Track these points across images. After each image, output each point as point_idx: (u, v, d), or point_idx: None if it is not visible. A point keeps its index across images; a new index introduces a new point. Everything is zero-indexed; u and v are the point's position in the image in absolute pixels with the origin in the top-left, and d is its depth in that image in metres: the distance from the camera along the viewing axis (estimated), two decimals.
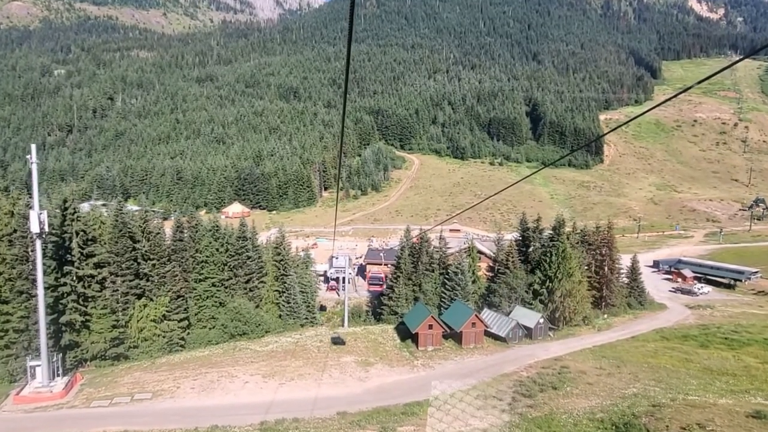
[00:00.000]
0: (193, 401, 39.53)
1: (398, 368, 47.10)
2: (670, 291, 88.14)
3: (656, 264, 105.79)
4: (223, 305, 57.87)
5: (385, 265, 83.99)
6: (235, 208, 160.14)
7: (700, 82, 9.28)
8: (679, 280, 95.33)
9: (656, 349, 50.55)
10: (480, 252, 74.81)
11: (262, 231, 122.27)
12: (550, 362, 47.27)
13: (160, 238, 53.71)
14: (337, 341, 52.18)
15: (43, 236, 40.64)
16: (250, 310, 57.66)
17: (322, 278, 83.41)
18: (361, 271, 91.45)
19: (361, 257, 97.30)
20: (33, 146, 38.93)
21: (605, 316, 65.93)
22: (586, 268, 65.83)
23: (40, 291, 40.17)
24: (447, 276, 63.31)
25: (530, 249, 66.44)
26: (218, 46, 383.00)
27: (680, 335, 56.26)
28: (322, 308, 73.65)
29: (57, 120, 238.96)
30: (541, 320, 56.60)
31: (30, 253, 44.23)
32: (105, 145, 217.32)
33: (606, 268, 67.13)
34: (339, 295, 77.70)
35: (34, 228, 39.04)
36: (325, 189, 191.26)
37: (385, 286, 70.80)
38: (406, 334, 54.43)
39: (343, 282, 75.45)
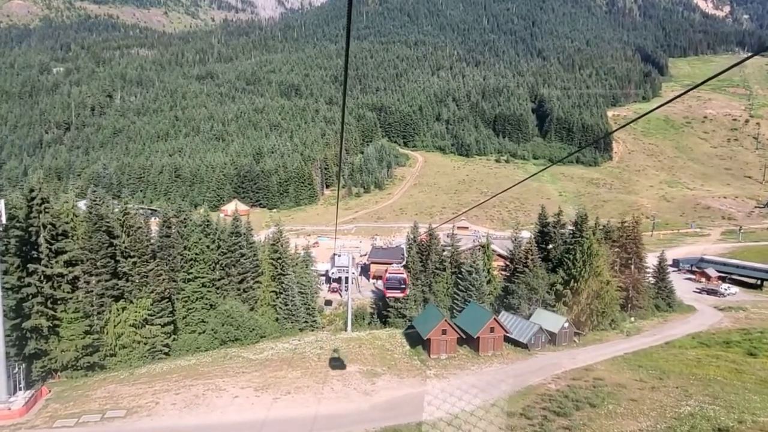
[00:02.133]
0: (173, 420, 34.17)
1: (409, 379, 41.67)
2: (694, 291, 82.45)
3: (675, 263, 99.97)
4: (213, 308, 52.50)
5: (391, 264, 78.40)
6: (234, 206, 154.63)
7: (709, 79, 8.80)
8: (704, 279, 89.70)
9: (698, 357, 44.93)
10: (492, 250, 69.23)
11: (262, 229, 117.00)
12: (580, 373, 41.77)
13: (142, 233, 48.27)
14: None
15: (2, 229, 35.37)
16: (243, 314, 52.27)
17: (323, 278, 78.24)
18: (365, 270, 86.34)
19: (365, 255, 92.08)
20: None
21: (632, 319, 60.33)
22: (610, 266, 60.28)
23: None
24: (460, 275, 57.80)
25: (550, 246, 60.91)
26: (219, 44, 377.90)
27: (721, 341, 50.59)
28: (328, 303, 68.87)
29: (55, 118, 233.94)
30: (566, 324, 51.00)
31: None
32: (103, 143, 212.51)
33: (633, 267, 61.55)
34: (341, 297, 72.44)
35: None
36: (327, 187, 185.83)
37: (408, 291, 56.43)
38: (416, 340, 48.94)
39: (346, 282, 69.96)
